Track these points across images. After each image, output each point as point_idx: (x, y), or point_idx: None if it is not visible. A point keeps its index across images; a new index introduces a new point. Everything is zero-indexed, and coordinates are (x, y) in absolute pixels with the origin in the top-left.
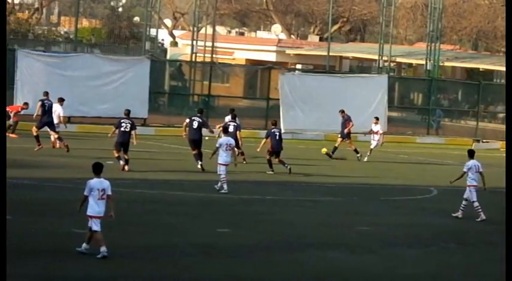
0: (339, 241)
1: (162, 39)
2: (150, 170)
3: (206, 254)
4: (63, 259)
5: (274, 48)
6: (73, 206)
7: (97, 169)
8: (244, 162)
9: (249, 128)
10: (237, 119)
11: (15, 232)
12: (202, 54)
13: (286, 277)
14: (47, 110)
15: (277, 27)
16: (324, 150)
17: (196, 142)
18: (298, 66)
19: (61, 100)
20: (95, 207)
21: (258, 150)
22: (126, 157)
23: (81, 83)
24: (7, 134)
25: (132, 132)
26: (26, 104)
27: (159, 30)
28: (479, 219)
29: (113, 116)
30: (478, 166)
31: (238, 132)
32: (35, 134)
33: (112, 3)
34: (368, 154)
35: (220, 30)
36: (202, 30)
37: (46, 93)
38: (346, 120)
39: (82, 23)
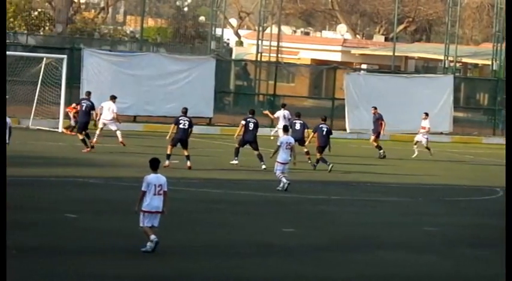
0: (405, 241)
1: (228, 39)
2: (216, 170)
3: (271, 253)
4: (128, 258)
5: (339, 48)
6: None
7: (154, 165)
8: (309, 162)
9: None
10: (300, 118)
11: (82, 231)
12: (267, 54)
13: (350, 277)
14: (84, 111)
15: (342, 27)
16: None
17: (253, 142)
18: (363, 66)
19: (113, 98)
20: (152, 202)
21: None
22: (186, 153)
23: (147, 82)
24: (67, 131)
25: (190, 129)
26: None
27: (225, 29)
28: None
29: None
30: None
31: (306, 130)
32: (81, 138)
33: (178, 3)
34: (429, 152)
35: (286, 30)
36: (268, 30)
37: (88, 93)
38: (378, 119)
39: (148, 23)
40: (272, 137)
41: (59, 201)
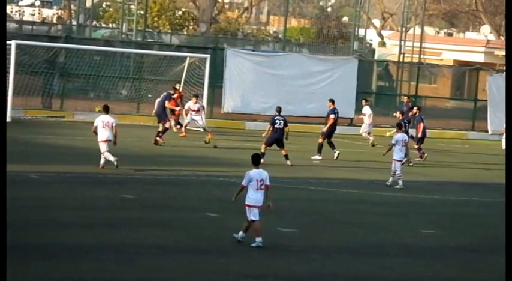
0: None
1: (370, 40)
2: (357, 170)
3: (410, 254)
4: (267, 256)
5: (482, 49)
6: (279, 205)
7: (256, 160)
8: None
9: (456, 129)
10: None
11: (223, 230)
12: (410, 55)
13: (488, 279)
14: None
15: (486, 28)
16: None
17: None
18: None
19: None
20: (254, 197)
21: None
22: (284, 152)
23: (289, 82)
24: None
25: (285, 128)
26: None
27: (368, 30)
28: None
29: (320, 116)
30: None
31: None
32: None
33: (321, 3)
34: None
35: (429, 30)
36: (411, 31)
37: (174, 88)
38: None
39: (291, 23)
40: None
41: (200, 200)
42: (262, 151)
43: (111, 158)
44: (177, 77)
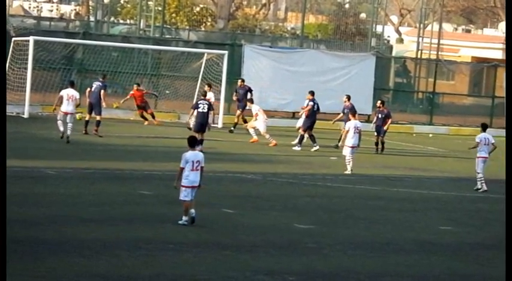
0: None
1: (388, 36)
2: (373, 167)
3: (427, 251)
4: (284, 253)
5: (500, 45)
6: (296, 202)
7: (192, 143)
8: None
9: (473, 126)
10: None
11: (239, 226)
12: (427, 51)
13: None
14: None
15: (504, 25)
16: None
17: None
18: None
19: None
20: (190, 177)
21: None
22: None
23: (306, 78)
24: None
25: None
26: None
27: (385, 26)
28: None
29: (337, 112)
30: None
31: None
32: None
33: (339, 0)
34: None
35: (447, 27)
36: (429, 27)
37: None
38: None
39: (308, 19)
40: (430, 135)
41: (217, 196)
42: (306, 135)
43: (61, 128)
44: (195, 73)
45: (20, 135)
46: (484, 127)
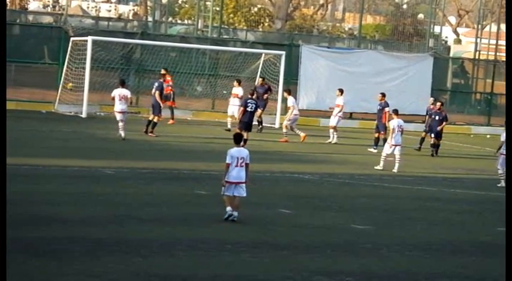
0: None
1: (446, 37)
2: (430, 167)
3: (485, 252)
4: (341, 254)
5: None
6: (353, 202)
7: (237, 139)
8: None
9: None
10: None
11: (296, 227)
12: (485, 52)
13: None
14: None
15: None
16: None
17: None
18: None
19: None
20: (234, 174)
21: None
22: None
23: (364, 79)
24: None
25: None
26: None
27: (443, 27)
28: None
29: None
30: None
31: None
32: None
33: (397, 0)
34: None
35: (505, 28)
36: (487, 28)
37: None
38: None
39: (366, 20)
40: (488, 136)
41: (274, 196)
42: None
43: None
44: (252, 73)
45: (77, 135)
46: None
